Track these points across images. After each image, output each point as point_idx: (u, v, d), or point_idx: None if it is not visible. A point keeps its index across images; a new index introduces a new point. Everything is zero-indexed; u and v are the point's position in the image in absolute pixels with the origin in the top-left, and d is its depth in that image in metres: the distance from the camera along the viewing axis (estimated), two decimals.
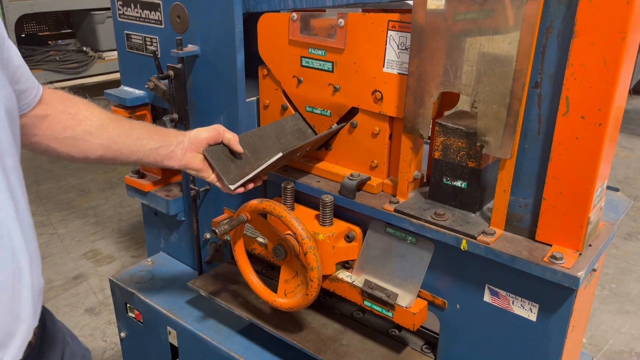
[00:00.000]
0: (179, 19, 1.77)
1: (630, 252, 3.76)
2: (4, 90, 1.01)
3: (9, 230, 1.00)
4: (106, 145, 1.35)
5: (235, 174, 1.49)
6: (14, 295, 1.01)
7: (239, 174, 1.50)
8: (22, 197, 1.05)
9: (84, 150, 1.33)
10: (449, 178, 1.40)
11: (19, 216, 1.02)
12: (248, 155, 1.54)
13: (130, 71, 2.04)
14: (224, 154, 1.50)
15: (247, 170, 1.51)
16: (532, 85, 1.21)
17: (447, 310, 1.44)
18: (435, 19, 1.27)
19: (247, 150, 1.54)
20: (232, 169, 1.50)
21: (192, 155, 1.47)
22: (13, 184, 1.02)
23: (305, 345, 1.60)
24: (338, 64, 1.52)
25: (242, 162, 1.52)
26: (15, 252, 1.01)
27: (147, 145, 1.41)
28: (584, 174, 1.18)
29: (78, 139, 1.31)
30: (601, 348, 2.89)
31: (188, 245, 2.17)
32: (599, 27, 1.08)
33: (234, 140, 1.50)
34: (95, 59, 6.28)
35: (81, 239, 3.85)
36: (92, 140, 1.33)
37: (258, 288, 1.61)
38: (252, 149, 1.56)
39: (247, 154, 1.54)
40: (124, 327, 2.20)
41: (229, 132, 1.51)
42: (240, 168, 1.51)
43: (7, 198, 0.99)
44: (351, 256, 1.55)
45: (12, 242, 1.00)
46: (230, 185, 1.46)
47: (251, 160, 1.54)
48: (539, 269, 1.21)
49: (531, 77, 1.20)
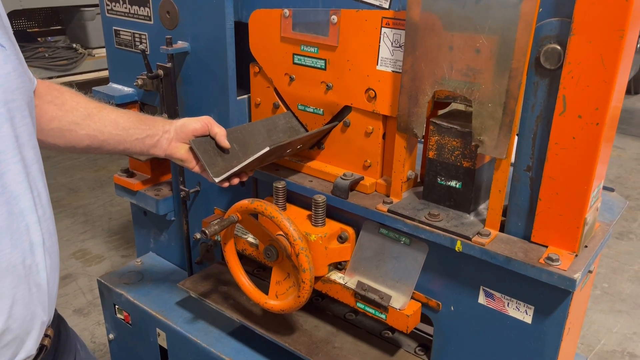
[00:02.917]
0: (168, 15, 1.73)
1: (622, 251, 3.76)
2: (24, 78, 1.00)
3: (27, 223, 0.97)
4: (93, 136, 1.34)
5: (221, 166, 1.46)
6: (31, 289, 0.99)
7: (225, 167, 1.46)
8: (44, 190, 1.04)
9: (71, 141, 1.31)
10: (443, 178, 1.38)
11: (37, 210, 1.00)
12: (236, 149, 1.51)
13: (119, 68, 2.01)
14: (211, 146, 1.47)
15: (234, 164, 1.47)
16: None
17: (441, 312, 1.42)
18: (430, 16, 1.25)
19: (236, 144, 1.51)
20: (218, 161, 1.46)
21: (178, 145, 1.45)
22: (34, 176, 1.00)
23: (297, 348, 1.58)
24: (331, 61, 1.50)
25: (229, 155, 1.49)
26: (33, 246, 0.98)
27: (133, 135, 1.40)
28: (580, 174, 1.17)
29: (65, 130, 1.29)
30: (593, 348, 2.89)
31: (178, 245, 2.13)
32: (596, 25, 1.06)
33: (220, 134, 1.47)
34: (85, 56, 6.22)
35: (70, 238, 3.81)
36: (79, 131, 1.31)
37: (249, 289, 1.59)
38: (241, 143, 1.53)
39: (235, 147, 1.51)
40: (113, 328, 2.17)
41: (217, 126, 1.48)
42: (227, 161, 1.48)
43: (26, 189, 0.97)
44: (344, 257, 1.53)
45: (30, 235, 0.98)
46: (215, 177, 1.43)
47: (239, 154, 1.51)
48: (534, 270, 1.19)
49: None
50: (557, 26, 1.12)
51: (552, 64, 1.14)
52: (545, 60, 1.15)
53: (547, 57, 1.15)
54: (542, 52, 1.15)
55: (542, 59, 1.15)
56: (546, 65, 1.15)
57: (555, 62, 1.14)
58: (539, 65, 1.16)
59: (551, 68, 1.15)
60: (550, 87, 1.16)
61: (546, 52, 1.14)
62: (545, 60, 1.15)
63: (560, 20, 1.11)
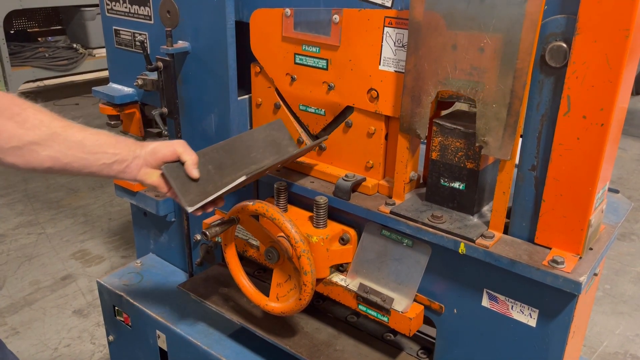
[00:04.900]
0: (168, 15, 1.72)
1: (624, 252, 3.75)
2: None
3: None
4: (55, 158, 1.24)
5: (195, 192, 1.37)
6: None
7: (199, 192, 1.38)
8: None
9: (31, 161, 1.23)
10: (446, 179, 1.36)
11: None
12: (212, 172, 1.41)
13: (119, 68, 1.99)
14: (184, 171, 1.38)
15: (209, 189, 1.39)
16: None
17: (444, 315, 1.40)
18: (433, 15, 1.23)
19: (212, 166, 1.42)
20: (192, 187, 1.37)
21: (149, 171, 1.37)
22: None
23: (298, 351, 1.57)
24: (333, 61, 1.48)
25: (204, 179, 1.40)
26: None
27: (100, 159, 1.31)
28: (585, 176, 1.15)
29: (24, 149, 1.20)
30: (596, 350, 2.87)
31: (178, 246, 2.12)
32: (602, 24, 1.05)
33: (189, 163, 1.37)
34: (85, 55, 6.22)
35: (70, 238, 3.79)
36: (40, 151, 1.22)
37: (249, 291, 1.58)
38: (217, 164, 1.43)
39: (210, 170, 1.41)
40: (112, 330, 2.15)
41: (187, 153, 1.38)
42: (201, 186, 1.39)
43: None
44: (346, 259, 1.51)
45: None
46: (187, 207, 1.35)
47: (215, 177, 1.42)
48: (539, 273, 1.17)
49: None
50: (563, 23, 1.10)
51: (557, 62, 1.13)
52: (550, 58, 1.13)
53: (553, 55, 1.13)
54: (547, 49, 1.13)
55: (547, 57, 1.14)
56: (551, 63, 1.14)
57: (561, 60, 1.12)
58: (544, 63, 1.15)
59: (556, 66, 1.13)
60: (555, 85, 1.15)
61: (552, 50, 1.13)
62: (550, 58, 1.13)
63: (567, 18, 1.10)
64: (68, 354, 2.72)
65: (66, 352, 2.74)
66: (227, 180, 1.42)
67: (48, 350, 2.74)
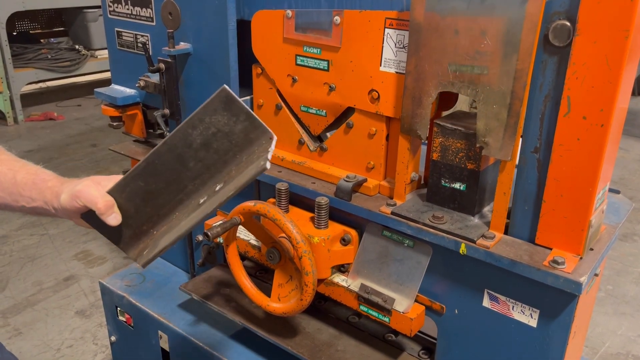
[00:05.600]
0: (170, 16, 1.73)
1: (626, 253, 3.74)
2: None
3: None
4: None
5: (129, 235, 1.16)
6: None
7: (134, 234, 1.16)
8: None
9: None
10: (447, 180, 1.37)
11: None
12: (140, 205, 1.15)
13: (121, 69, 2.00)
14: None
15: (144, 228, 1.16)
16: None
17: (445, 315, 1.41)
18: (434, 17, 1.24)
19: (138, 199, 1.15)
20: (123, 231, 1.16)
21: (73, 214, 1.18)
22: None
23: (299, 351, 1.57)
24: (334, 62, 1.49)
25: (135, 219, 1.15)
26: None
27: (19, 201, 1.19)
28: (585, 176, 1.15)
29: None
30: (598, 350, 2.87)
31: (180, 247, 2.13)
32: (601, 25, 1.05)
33: (103, 212, 1.12)
34: (88, 57, 6.23)
35: (72, 239, 3.80)
36: None
37: (251, 292, 1.58)
38: (142, 195, 1.15)
39: (138, 203, 1.15)
40: (115, 331, 2.16)
41: (98, 199, 1.11)
42: (133, 226, 1.15)
43: None
44: (347, 260, 1.52)
45: None
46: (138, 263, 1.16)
47: (147, 210, 1.15)
48: (540, 274, 1.17)
49: None
50: (566, 2, 1.09)
51: (561, 40, 1.11)
52: (554, 37, 1.11)
53: (557, 34, 1.11)
54: (551, 28, 1.11)
55: (550, 36, 1.12)
56: (555, 43, 1.12)
57: (565, 39, 1.10)
58: (547, 43, 1.13)
59: (560, 45, 1.11)
60: (559, 65, 1.13)
61: (555, 29, 1.11)
62: (554, 37, 1.11)
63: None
64: (70, 355, 2.73)
65: (69, 352, 2.75)
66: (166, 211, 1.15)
67: (51, 351, 2.75)
